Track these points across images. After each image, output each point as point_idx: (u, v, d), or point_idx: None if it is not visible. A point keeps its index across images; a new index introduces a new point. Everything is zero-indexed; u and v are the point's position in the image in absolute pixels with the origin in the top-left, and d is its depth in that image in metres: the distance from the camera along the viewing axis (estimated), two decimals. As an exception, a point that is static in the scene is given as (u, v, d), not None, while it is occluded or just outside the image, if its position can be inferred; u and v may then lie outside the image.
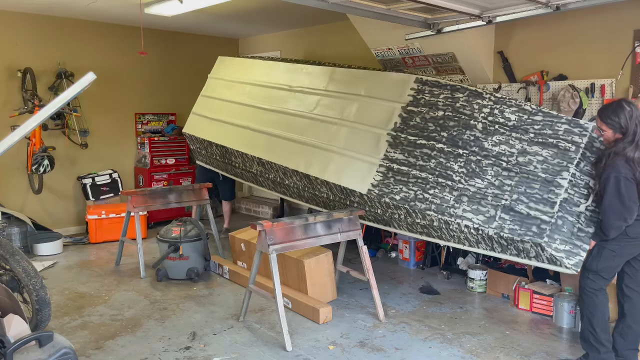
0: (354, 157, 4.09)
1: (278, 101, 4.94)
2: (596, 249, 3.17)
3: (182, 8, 5.38)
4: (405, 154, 3.78)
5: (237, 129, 5.23)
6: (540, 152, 3.28)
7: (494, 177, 3.38)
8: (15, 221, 5.93)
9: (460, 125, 3.59)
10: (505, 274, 4.50)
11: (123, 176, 7.20)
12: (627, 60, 4.43)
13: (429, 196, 3.59)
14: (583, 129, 3.21)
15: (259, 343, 3.66)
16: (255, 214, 8.09)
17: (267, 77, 5.24)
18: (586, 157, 3.22)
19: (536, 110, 3.37)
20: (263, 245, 3.69)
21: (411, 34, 5.26)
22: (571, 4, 4.06)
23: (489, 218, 3.33)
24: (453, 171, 3.53)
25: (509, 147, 3.38)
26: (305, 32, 7.35)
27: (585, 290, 3.21)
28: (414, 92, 3.92)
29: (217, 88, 5.81)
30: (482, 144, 3.48)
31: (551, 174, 3.22)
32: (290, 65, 5.11)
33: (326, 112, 4.45)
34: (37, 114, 2.46)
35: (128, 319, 4.08)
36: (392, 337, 3.76)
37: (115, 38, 7.06)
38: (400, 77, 4.08)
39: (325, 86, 4.59)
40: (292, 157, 4.53)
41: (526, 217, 3.22)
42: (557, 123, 3.28)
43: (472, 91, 3.63)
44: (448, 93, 3.73)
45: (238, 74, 5.64)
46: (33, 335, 1.83)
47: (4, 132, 5.48)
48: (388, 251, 5.86)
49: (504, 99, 3.48)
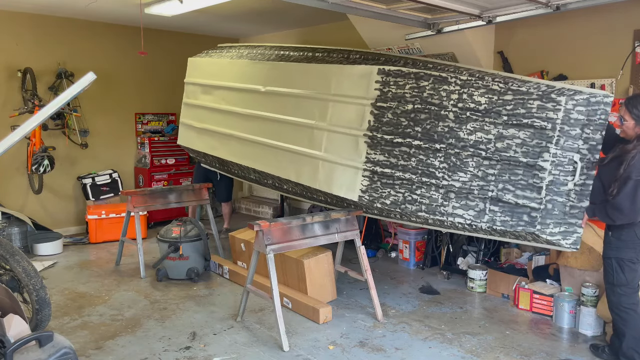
0: (338, 162, 3.98)
1: (253, 105, 4.79)
2: (615, 264, 3.08)
3: (182, 8, 5.38)
4: (385, 155, 3.69)
5: (224, 137, 5.13)
6: (517, 134, 3.13)
7: (476, 169, 3.29)
8: (15, 221, 5.93)
9: (432, 117, 3.45)
10: (505, 274, 4.49)
11: (123, 176, 7.20)
12: (627, 60, 4.43)
13: (417, 197, 3.54)
14: (556, 102, 3.02)
15: (258, 343, 3.66)
16: (255, 214, 8.09)
17: (237, 79, 5.02)
18: (565, 132, 3.04)
19: (505, 88, 3.18)
20: (260, 246, 3.69)
21: (411, 34, 5.26)
22: (571, 4, 4.06)
23: (479, 212, 3.30)
24: (435, 168, 3.45)
25: (485, 133, 3.25)
26: (305, 32, 7.34)
27: (621, 307, 3.11)
28: (379, 85, 3.72)
29: (196, 94, 5.63)
30: (457, 135, 3.35)
31: (532, 157, 3.10)
32: (258, 64, 4.82)
33: (300, 115, 4.28)
34: (37, 114, 2.47)
35: (128, 319, 4.08)
36: (392, 337, 3.76)
37: (115, 38, 7.06)
38: (363, 70, 3.85)
39: (293, 86, 4.38)
40: (282, 166, 4.47)
41: (515, 206, 3.17)
42: (528, 100, 3.10)
43: (436, 77, 3.45)
44: (413, 82, 3.55)
45: (210, 77, 5.42)
46: (33, 335, 1.83)
47: (4, 132, 5.47)
48: (388, 251, 5.86)
49: (471, 81, 3.30)
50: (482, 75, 3.31)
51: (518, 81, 3.22)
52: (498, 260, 4.98)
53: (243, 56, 5.10)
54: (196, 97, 5.58)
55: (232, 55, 5.29)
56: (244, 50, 5.29)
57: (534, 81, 3.20)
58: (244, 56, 5.09)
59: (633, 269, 3.06)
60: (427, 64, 3.67)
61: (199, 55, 5.77)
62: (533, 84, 3.15)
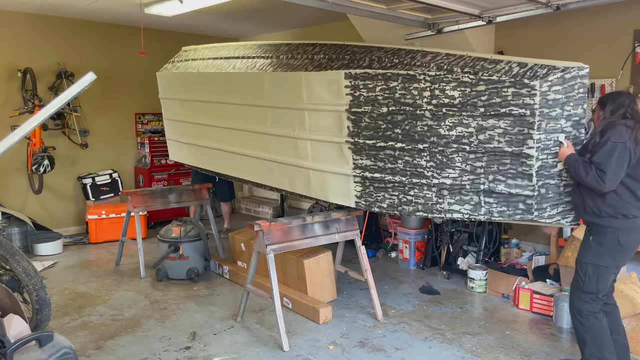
0: (328, 171, 3.91)
1: (233, 117, 4.63)
2: (591, 269, 2.97)
3: (182, 8, 5.38)
4: (371, 159, 3.61)
5: (212, 151, 5.04)
6: (498, 124, 3.02)
7: (464, 163, 3.22)
8: (15, 221, 5.93)
9: (409, 117, 3.34)
10: (505, 274, 4.49)
11: (123, 176, 7.20)
12: (627, 60, 4.43)
13: (411, 198, 3.52)
14: (530, 87, 2.87)
15: (258, 343, 3.66)
16: (256, 214, 8.09)
17: (210, 92, 4.81)
18: (545, 115, 2.91)
19: (476, 80, 3.03)
20: (260, 246, 3.69)
21: (411, 34, 5.27)
22: (571, 4, 4.06)
23: (475, 205, 3.28)
24: (423, 168, 3.39)
25: (465, 127, 3.13)
26: (305, 32, 7.34)
27: (583, 315, 3.03)
28: (350, 89, 3.58)
29: (174, 109, 5.44)
30: (438, 132, 3.24)
31: (516, 145, 2.99)
32: (227, 76, 4.56)
33: (280, 125, 4.15)
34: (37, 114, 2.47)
35: (128, 319, 4.08)
36: (392, 337, 3.76)
37: (115, 38, 7.06)
38: (330, 77, 3.68)
39: (265, 97, 4.20)
40: (274, 177, 4.43)
41: (509, 196, 3.13)
42: (502, 89, 2.96)
43: (404, 76, 3.31)
44: (382, 84, 3.41)
45: (183, 92, 5.22)
46: (33, 335, 1.83)
47: (4, 132, 5.48)
48: (388, 251, 5.86)
49: (440, 76, 3.16)
50: (451, 67, 3.18)
51: (488, 66, 3.06)
52: (498, 260, 4.98)
53: (209, 66, 4.85)
54: (175, 112, 5.43)
55: (198, 65, 5.04)
56: (208, 53, 5.06)
57: (505, 60, 3.04)
58: (210, 66, 4.86)
59: (607, 278, 2.97)
60: (393, 57, 3.51)
61: (166, 68, 5.52)
62: (504, 69, 3.00)
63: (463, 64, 3.17)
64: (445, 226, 5.17)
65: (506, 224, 5.22)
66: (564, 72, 2.84)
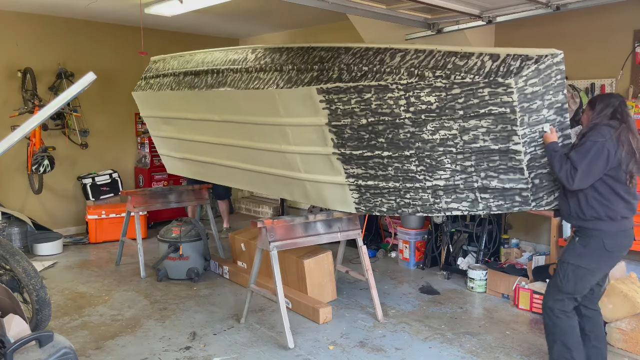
0: (322, 181, 3.86)
1: (218, 132, 4.50)
2: (570, 269, 2.93)
3: (182, 8, 5.39)
4: (362, 168, 3.56)
5: (206, 165, 5.01)
6: (480, 124, 2.92)
7: (453, 164, 3.17)
8: (15, 221, 5.93)
9: (390, 126, 3.24)
10: (505, 274, 4.49)
11: (123, 176, 7.19)
12: (627, 60, 4.43)
13: (409, 200, 3.50)
14: (505, 86, 2.73)
15: (259, 343, 3.66)
16: (256, 213, 8.09)
17: (188, 110, 4.65)
18: (526, 109, 2.81)
19: (449, 84, 2.90)
20: (264, 243, 3.69)
21: (411, 34, 5.27)
22: (571, 4, 4.06)
23: (473, 202, 3.26)
24: (414, 172, 3.34)
25: (448, 130, 3.05)
26: (305, 32, 7.35)
27: (555, 313, 3.00)
28: (325, 104, 3.44)
29: (158, 126, 5.33)
30: (421, 137, 3.16)
31: (502, 143, 2.92)
32: (201, 94, 4.37)
33: (266, 140, 4.04)
34: (37, 114, 2.46)
35: (128, 319, 4.08)
36: (392, 337, 3.76)
37: (115, 38, 7.06)
38: (302, 93, 3.52)
39: (243, 113, 4.07)
40: (271, 187, 4.41)
41: (504, 190, 3.10)
42: (477, 90, 2.84)
43: (376, 87, 3.17)
44: (356, 96, 3.27)
45: (162, 110, 5.05)
46: (33, 335, 1.83)
47: (4, 132, 5.47)
48: (388, 251, 5.86)
49: (412, 84, 3.01)
50: (422, 71, 3.06)
51: (460, 63, 2.92)
52: (498, 260, 4.98)
53: (181, 84, 4.64)
54: (160, 129, 5.33)
55: (170, 83, 4.84)
56: (177, 65, 4.89)
57: (476, 53, 2.89)
58: (183, 84, 4.63)
59: (585, 280, 2.92)
60: (362, 64, 3.35)
61: (140, 86, 5.35)
62: (477, 65, 2.86)
63: (434, 64, 3.02)
64: (445, 226, 5.17)
65: (506, 224, 5.23)
66: (538, 63, 2.70)
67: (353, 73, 3.32)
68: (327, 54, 3.58)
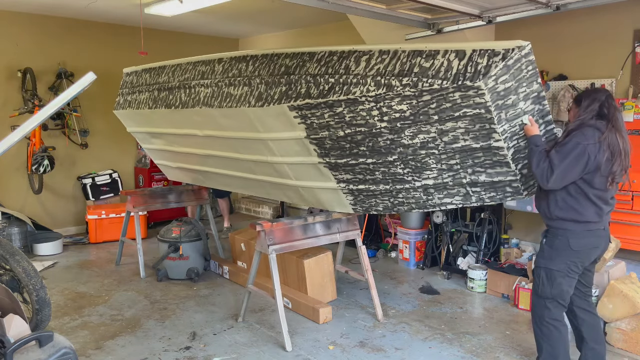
0: (315, 187, 3.87)
1: (205, 145, 4.49)
2: (544, 273, 2.92)
3: (182, 8, 5.39)
4: (350, 174, 3.52)
5: (202, 172, 5.05)
6: (457, 125, 2.84)
7: (438, 164, 3.14)
8: (15, 221, 5.93)
9: (368, 136, 3.18)
10: (505, 274, 4.49)
11: (123, 176, 7.19)
12: (627, 60, 4.43)
13: (402, 199, 3.51)
14: (475, 88, 2.61)
15: (259, 343, 3.66)
16: (255, 214, 8.09)
17: (170, 126, 4.63)
18: (501, 106, 2.72)
19: (418, 92, 2.78)
20: (262, 246, 3.69)
21: (411, 34, 5.26)
22: (571, 4, 4.06)
23: (465, 195, 3.25)
24: (401, 175, 3.32)
25: (426, 134, 2.98)
26: (305, 32, 7.35)
27: (544, 321, 2.96)
28: (300, 119, 3.38)
29: (147, 139, 5.30)
30: (402, 143, 3.10)
31: (483, 140, 2.85)
32: (178, 112, 4.32)
33: (251, 152, 4.02)
34: (37, 114, 2.46)
35: (128, 319, 4.08)
36: (392, 337, 3.76)
37: (115, 38, 7.06)
38: (277, 110, 3.45)
39: (223, 128, 4.05)
40: (268, 192, 4.43)
41: (494, 183, 3.08)
42: (447, 95, 2.73)
43: (346, 101, 3.06)
44: (328, 111, 3.19)
45: (146, 126, 5.02)
46: (33, 335, 1.83)
47: (4, 132, 5.47)
48: (388, 251, 5.86)
49: (382, 95, 2.91)
50: (389, 80, 2.93)
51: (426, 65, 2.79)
52: (498, 260, 4.98)
53: (158, 101, 4.55)
54: (149, 142, 5.32)
55: (147, 100, 4.73)
56: (150, 79, 4.80)
57: (442, 52, 2.75)
58: (159, 101, 4.54)
59: (559, 282, 2.87)
60: (328, 75, 3.18)
61: (118, 103, 5.27)
62: (443, 66, 2.72)
63: (400, 68, 2.88)
64: (445, 226, 5.17)
65: (506, 224, 5.23)
66: (505, 59, 2.58)
67: (320, 86, 3.19)
68: (292, 62, 3.45)
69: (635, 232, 4.11)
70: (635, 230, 4.10)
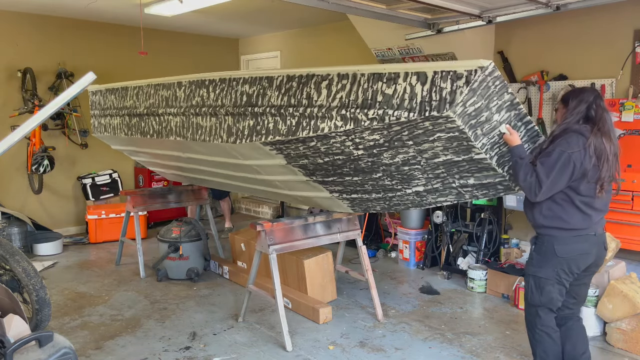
0: (310, 196, 3.89)
1: (192, 163, 4.48)
2: (532, 281, 2.86)
3: (182, 8, 5.39)
4: (340, 186, 3.53)
5: (196, 179, 5.11)
6: (434, 145, 2.77)
7: (425, 174, 3.10)
8: (15, 221, 5.93)
9: (348, 161, 3.14)
10: (505, 274, 4.49)
11: (123, 176, 7.19)
12: (627, 60, 4.43)
13: (398, 201, 3.52)
14: (444, 117, 2.52)
15: (259, 343, 3.66)
16: (255, 214, 8.09)
17: (151, 147, 4.61)
18: (475, 125, 2.62)
19: (387, 125, 2.70)
20: (263, 246, 3.69)
21: (411, 33, 5.26)
22: (571, 4, 4.06)
23: (457, 195, 3.25)
24: (390, 185, 3.31)
25: (406, 154, 2.93)
26: (305, 32, 7.34)
27: (536, 329, 2.91)
28: (277, 151, 3.35)
29: (136, 154, 5.33)
30: (383, 162, 3.06)
31: (464, 154, 2.80)
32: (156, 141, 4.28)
33: (241, 172, 4.02)
34: (37, 114, 2.46)
35: (128, 319, 4.08)
36: (392, 337, 3.76)
37: (115, 38, 7.06)
38: (250, 145, 3.41)
39: (204, 154, 4.03)
40: (268, 195, 4.46)
41: (484, 184, 3.08)
42: (417, 125, 2.64)
43: (317, 137, 2.98)
44: (302, 145, 3.14)
45: (131, 146, 4.98)
46: (33, 335, 1.82)
47: (4, 132, 5.47)
48: (388, 251, 5.86)
49: (351, 130, 2.81)
50: (354, 114, 2.78)
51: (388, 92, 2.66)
52: (498, 260, 4.98)
53: (131, 127, 4.48)
54: (138, 156, 5.34)
55: (120, 124, 4.67)
56: (117, 102, 4.73)
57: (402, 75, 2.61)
58: (133, 127, 4.47)
59: (548, 290, 2.81)
60: (291, 107, 3.07)
61: (94, 125, 5.21)
62: (407, 94, 2.59)
63: (363, 98, 2.75)
64: (445, 226, 5.17)
65: (506, 224, 5.23)
66: (470, 83, 2.42)
67: (287, 121, 3.09)
68: (252, 90, 3.30)
69: (635, 232, 4.10)
70: (635, 230, 4.10)
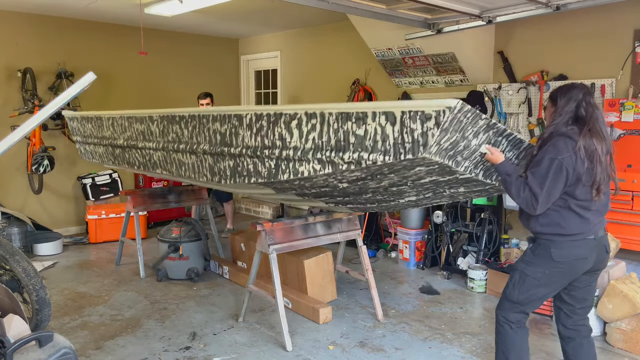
0: (308, 204, 3.95)
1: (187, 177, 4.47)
2: (518, 275, 2.74)
3: (182, 8, 5.39)
4: (334, 200, 3.58)
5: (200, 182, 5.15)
6: (418, 172, 2.71)
7: (414, 189, 3.07)
8: (15, 221, 5.93)
9: (335, 189, 3.15)
10: (505, 274, 4.48)
11: (123, 176, 7.19)
12: (627, 60, 4.43)
13: (394, 206, 3.55)
14: (422, 160, 2.45)
15: (259, 343, 3.66)
16: (256, 213, 8.09)
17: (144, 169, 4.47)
18: (455, 156, 2.55)
19: (366, 172, 2.69)
20: (263, 245, 3.69)
21: (411, 34, 5.26)
22: (571, 4, 4.06)
23: (451, 197, 3.25)
24: (384, 199, 3.31)
25: (391, 180, 2.88)
26: (305, 32, 7.35)
27: (500, 322, 2.80)
28: (264, 186, 3.36)
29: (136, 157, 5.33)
30: (370, 187, 3.03)
31: (449, 175, 2.73)
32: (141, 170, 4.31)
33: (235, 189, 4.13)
34: (37, 114, 2.46)
35: (128, 319, 4.08)
36: (392, 337, 3.76)
37: (115, 38, 7.06)
38: (236, 185, 3.44)
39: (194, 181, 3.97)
40: (268, 199, 4.52)
41: (475, 190, 3.06)
42: (398, 164, 2.56)
43: (300, 178, 2.93)
44: (287, 184, 3.15)
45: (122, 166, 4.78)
46: (33, 335, 1.82)
47: (4, 132, 5.47)
48: (388, 251, 5.86)
49: (330, 172, 2.75)
50: (330, 158, 2.70)
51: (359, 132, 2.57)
52: (498, 260, 4.98)
53: (116, 157, 4.48)
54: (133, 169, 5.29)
55: (104, 153, 4.67)
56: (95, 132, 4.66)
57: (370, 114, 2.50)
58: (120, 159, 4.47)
59: (533, 287, 2.70)
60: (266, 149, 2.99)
61: (80, 151, 5.23)
62: (378, 134, 2.50)
63: (335, 141, 2.66)
64: (445, 226, 5.17)
65: (506, 224, 5.23)
66: (440, 125, 2.32)
67: (266, 165, 3.04)
68: (223, 128, 3.23)
69: (635, 232, 4.10)
70: (635, 230, 4.10)
